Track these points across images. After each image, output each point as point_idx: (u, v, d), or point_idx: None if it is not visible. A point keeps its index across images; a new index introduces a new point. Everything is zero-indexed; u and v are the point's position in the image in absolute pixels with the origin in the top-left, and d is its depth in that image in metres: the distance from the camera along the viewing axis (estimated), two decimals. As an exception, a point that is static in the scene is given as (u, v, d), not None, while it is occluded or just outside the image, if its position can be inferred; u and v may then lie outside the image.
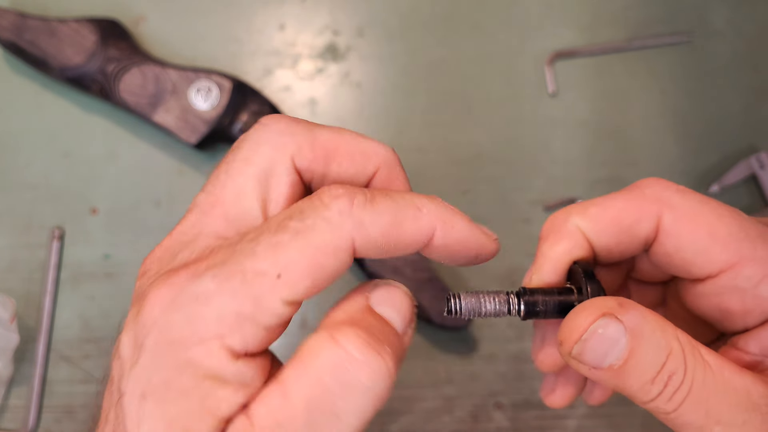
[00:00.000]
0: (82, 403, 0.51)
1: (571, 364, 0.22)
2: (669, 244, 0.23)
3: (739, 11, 0.59)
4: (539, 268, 0.24)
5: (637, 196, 0.23)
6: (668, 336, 0.21)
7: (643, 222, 0.23)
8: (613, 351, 0.20)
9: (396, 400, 0.51)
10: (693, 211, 0.23)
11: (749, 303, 0.22)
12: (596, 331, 0.21)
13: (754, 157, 0.55)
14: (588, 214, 0.23)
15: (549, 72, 0.57)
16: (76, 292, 0.52)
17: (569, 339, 0.21)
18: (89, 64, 0.52)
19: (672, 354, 0.20)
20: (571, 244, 0.24)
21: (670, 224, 0.23)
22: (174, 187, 0.55)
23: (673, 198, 0.23)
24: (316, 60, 0.58)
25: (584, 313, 0.21)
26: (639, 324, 0.20)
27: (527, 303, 0.23)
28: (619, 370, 0.20)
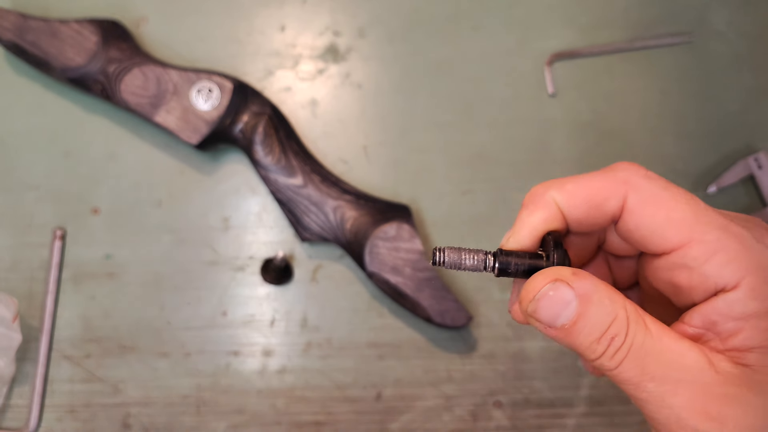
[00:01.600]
0: (83, 402, 0.51)
1: (530, 321, 0.25)
2: (631, 221, 0.26)
3: (739, 12, 0.59)
4: (516, 233, 0.27)
5: (609, 177, 0.26)
6: (615, 304, 0.24)
7: (611, 200, 0.26)
8: (565, 312, 0.24)
9: (396, 398, 0.51)
10: (655, 195, 0.25)
11: (695, 280, 0.24)
12: (547, 292, 0.24)
13: (752, 158, 0.55)
14: (564, 189, 0.27)
15: (549, 73, 0.57)
16: (78, 292, 0.53)
17: (525, 298, 0.25)
18: (91, 64, 0.53)
19: (616, 319, 0.23)
20: (546, 213, 0.27)
21: (634, 204, 0.26)
22: (175, 187, 0.55)
23: (640, 182, 0.26)
24: (316, 61, 0.58)
25: (540, 277, 0.25)
26: (589, 291, 0.24)
27: (501, 263, 0.27)
28: (569, 329, 0.24)
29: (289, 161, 0.52)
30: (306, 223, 0.51)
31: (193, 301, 0.53)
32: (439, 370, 0.51)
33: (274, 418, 0.51)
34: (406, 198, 0.55)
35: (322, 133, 0.56)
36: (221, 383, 0.51)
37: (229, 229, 0.54)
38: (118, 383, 0.51)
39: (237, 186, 0.55)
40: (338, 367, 0.52)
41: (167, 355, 0.52)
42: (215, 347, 0.52)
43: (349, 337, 0.52)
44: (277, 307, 0.53)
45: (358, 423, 0.51)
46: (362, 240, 0.50)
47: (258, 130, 0.52)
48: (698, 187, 0.55)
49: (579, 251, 0.30)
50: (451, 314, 0.49)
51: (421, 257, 0.49)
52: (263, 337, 0.52)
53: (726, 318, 0.24)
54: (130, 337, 0.52)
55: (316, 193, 0.51)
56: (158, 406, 0.51)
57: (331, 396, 0.51)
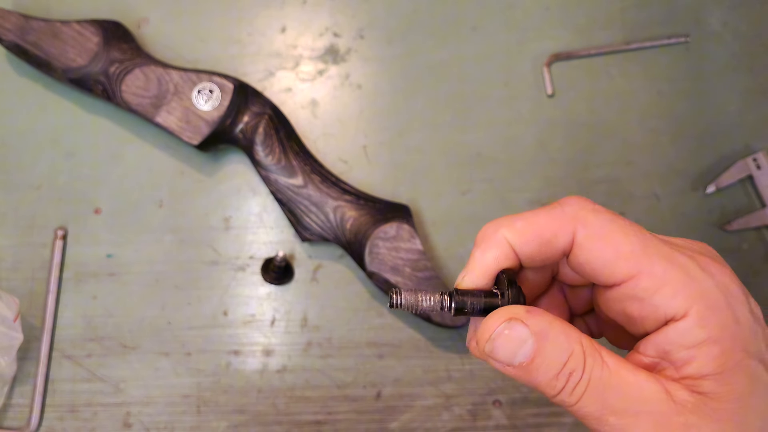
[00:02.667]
0: (84, 401, 0.51)
1: (488, 361, 0.25)
2: (581, 255, 0.26)
3: (735, 13, 0.59)
4: (470, 272, 0.28)
5: (557, 214, 0.27)
6: (571, 339, 0.24)
7: (560, 236, 0.26)
8: (522, 350, 0.24)
9: (395, 398, 0.51)
10: (602, 229, 0.26)
11: (645, 310, 0.25)
12: (503, 332, 0.25)
13: (750, 158, 0.55)
14: (514, 227, 0.27)
15: (547, 73, 0.58)
16: (79, 292, 0.53)
17: (482, 338, 0.25)
18: (92, 65, 0.53)
19: (573, 354, 0.24)
20: (498, 252, 0.27)
21: (582, 239, 0.26)
22: (176, 187, 0.55)
23: (588, 216, 0.26)
24: (316, 62, 0.58)
25: (495, 317, 0.25)
26: (544, 328, 0.24)
27: (457, 302, 0.27)
28: (527, 367, 0.24)
29: (290, 161, 0.52)
30: (306, 223, 0.51)
31: (194, 301, 0.53)
32: (438, 369, 0.52)
33: (274, 417, 0.51)
34: (405, 198, 0.55)
35: (322, 134, 0.57)
36: (222, 383, 0.51)
37: (229, 229, 0.54)
38: (119, 383, 0.51)
39: (238, 186, 0.55)
40: (338, 366, 0.52)
41: (168, 354, 0.52)
42: (216, 347, 0.52)
43: (349, 336, 0.52)
44: (277, 307, 0.53)
45: (358, 422, 0.51)
46: (362, 240, 0.50)
47: (258, 131, 0.52)
48: (697, 187, 0.56)
49: (534, 284, 0.31)
50: (450, 314, 0.49)
51: (421, 257, 0.50)
52: (264, 336, 0.52)
53: (678, 347, 0.24)
54: (131, 337, 0.52)
55: (316, 194, 0.52)
56: (159, 406, 0.51)
57: (331, 395, 0.51)
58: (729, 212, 0.55)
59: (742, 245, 0.55)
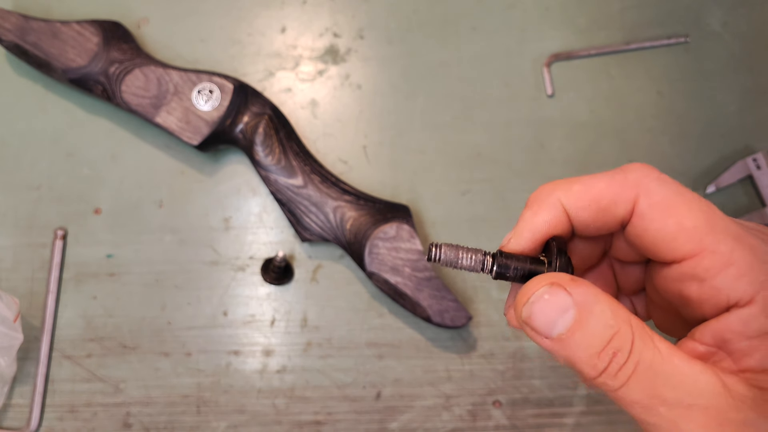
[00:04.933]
0: (84, 401, 0.51)
1: (525, 331, 0.23)
2: (640, 226, 0.24)
3: (734, 13, 0.59)
4: (518, 234, 0.26)
5: (619, 180, 0.25)
6: (618, 317, 0.22)
7: (620, 203, 0.24)
8: (561, 320, 0.22)
9: (396, 398, 0.51)
10: (667, 200, 0.24)
11: (705, 292, 0.23)
12: (542, 296, 0.23)
13: (750, 158, 0.55)
14: (572, 190, 0.25)
15: (547, 74, 0.58)
16: (79, 292, 0.53)
17: (520, 301, 0.23)
18: (92, 65, 0.53)
19: (619, 333, 0.22)
20: (551, 215, 0.25)
21: (644, 209, 0.24)
22: (176, 187, 0.55)
23: (651, 185, 0.24)
24: (316, 62, 0.58)
25: (536, 280, 0.23)
26: (588, 300, 0.22)
27: (500, 265, 0.25)
28: (566, 340, 0.22)
29: (290, 162, 0.52)
30: (306, 223, 0.51)
31: (194, 301, 0.53)
32: (438, 369, 0.52)
33: (274, 417, 0.51)
34: (405, 198, 0.55)
35: (322, 134, 0.57)
36: (222, 383, 0.51)
37: (229, 229, 0.54)
38: (119, 383, 0.51)
39: (237, 186, 0.55)
40: (338, 366, 0.52)
41: (168, 354, 0.52)
42: (216, 347, 0.52)
43: (348, 336, 0.52)
44: (277, 307, 0.53)
45: (358, 422, 0.51)
46: (362, 240, 0.50)
47: (258, 131, 0.52)
48: (697, 187, 0.56)
49: (584, 256, 0.28)
50: (450, 314, 0.49)
51: (421, 257, 0.50)
52: (263, 336, 0.52)
53: (740, 336, 0.22)
54: (131, 337, 0.52)
55: (316, 194, 0.52)
56: (159, 406, 0.51)
57: (330, 395, 0.51)
58: (729, 212, 0.55)
59: (742, 245, 0.55)
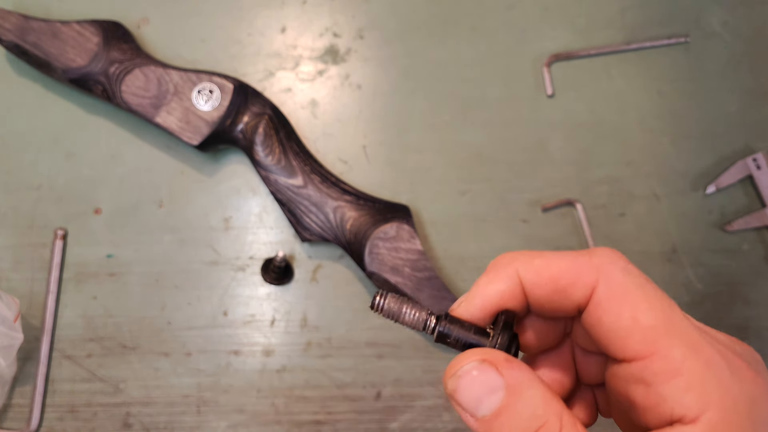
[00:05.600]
0: (84, 401, 0.51)
1: (452, 403, 0.22)
2: (595, 315, 0.23)
3: (734, 13, 0.59)
4: (469, 300, 0.25)
5: (581, 262, 0.23)
6: (549, 408, 0.21)
7: (578, 287, 0.23)
8: (488, 401, 0.21)
9: (396, 398, 0.51)
10: (626, 291, 0.22)
11: (651, 399, 0.21)
12: (471, 371, 0.21)
13: (750, 158, 0.55)
14: (531, 264, 0.24)
15: (547, 74, 0.58)
16: (79, 292, 0.53)
17: (448, 372, 0.22)
18: (92, 65, 0.53)
19: (546, 426, 0.20)
20: (505, 286, 0.24)
21: (601, 297, 0.23)
22: (176, 187, 0.55)
23: (614, 273, 0.23)
24: (316, 62, 0.58)
25: (468, 353, 0.22)
26: (520, 384, 0.21)
27: (442, 328, 0.24)
28: (489, 422, 0.21)
29: (290, 162, 0.52)
30: (306, 223, 0.51)
31: (194, 301, 0.53)
32: (438, 369, 0.52)
33: (274, 417, 0.51)
34: (405, 198, 0.55)
35: (322, 134, 0.57)
36: (222, 383, 0.51)
37: (229, 229, 0.54)
38: (119, 383, 0.51)
39: (237, 186, 0.55)
40: (338, 366, 0.52)
41: (168, 354, 0.52)
42: (216, 347, 0.52)
43: (348, 336, 0.52)
44: (277, 307, 0.53)
45: (358, 422, 0.51)
46: (362, 240, 0.50)
47: (258, 131, 0.52)
48: (697, 187, 0.56)
49: (541, 335, 0.27)
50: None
51: (421, 257, 0.50)
52: (263, 336, 0.52)
53: None
54: (131, 337, 0.52)
55: (316, 194, 0.52)
56: (159, 406, 0.51)
57: (330, 395, 0.51)
58: (729, 212, 0.55)
59: (742, 245, 0.55)
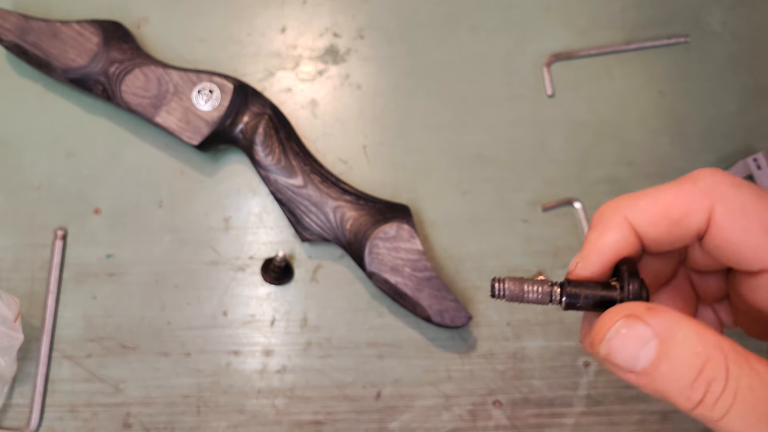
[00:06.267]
0: (84, 401, 0.51)
1: (606, 366, 0.22)
2: (720, 237, 0.23)
3: (735, 13, 0.59)
4: (585, 258, 0.24)
5: (689, 189, 0.23)
6: (707, 343, 0.20)
7: (694, 214, 0.23)
8: (644, 354, 0.21)
9: (395, 398, 0.51)
10: (746, 205, 0.22)
11: None
12: (619, 330, 0.21)
13: (750, 158, 0.55)
14: (638, 206, 0.24)
15: (547, 73, 0.58)
16: (79, 292, 0.53)
17: (596, 339, 0.22)
18: (92, 65, 0.53)
19: (710, 360, 0.20)
20: (618, 235, 0.24)
21: (722, 217, 0.22)
22: (176, 187, 0.55)
23: (727, 191, 0.23)
24: (316, 62, 0.58)
25: (609, 314, 0.22)
26: (669, 328, 0.21)
27: (569, 295, 0.24)
28: (651, 373, 0.21)
29: (290, 162, 0.52)
30: (306, 223, 0.51)
31: (194, 301, 0.53)
32: (438, 369, 0.52)
33: (274, 417, 0.51)
34: (405, 198, 0.55)
35: (322, 134, 0.57)
36: (222, 383, 0.51)
37: (229, 229, 0.54)
38: (119, 383, 0.51)
39: (237, 186, 0.55)
40: (338, 366, 0.52)
41: (168, 354, 0.52)
42: (216, 347, 0.52)
43: (348, 336, 0.52)
44: (277, 307, 0.53)
45: (358, 422, 0.51)
46: (362, 240, 0.50)
47: (258, 131, 0.52)
48: (696, 187, 0.56)
49: (657, 272, 0.27)
50: (450, 314, 0.49)
51: (421, 257, 0.50)
52: (263, 336, 0.52)
53: None
54: (131, 337, 0.52)
55: (316, 194, 0.52)
56: (159, 406, 0.51)
57: (330, 395, 0.51)
58: (729, 212, 0.55)
59: (742, 245, 0.55)
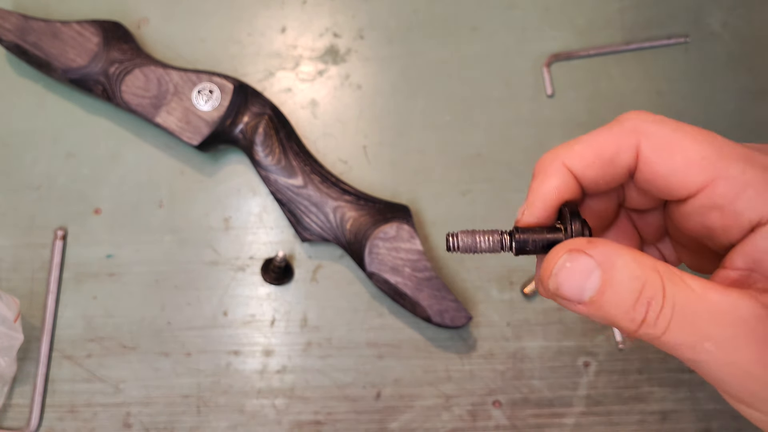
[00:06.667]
0: (84, 401, 0.51)
1: (556, 301, 0.24)
2: (648, 170, 0.24)
3: (734, 13, 0.60)
4: (530, 205, 0.26)
5: (616, 130, 0.25)
6: (644, 266, 0.22)
7: (623, 152, 0.25)
8: (589, 284, 0.22)
9: (395, 398, 0.51)
10: (668, 138, 0.24)
11: (728, 219, 0.23)
12: (564, 265, 0.23)
13: (749, 158, 0.55)
14: (573, 151, 0.26)
15: (547, 73, 0.58)
16: (79, 292, 0.53)
17: (544, 276, 0.23)
18: (92, 65, 0.53)
19: (648, 282, 0.22)
20: (558, 180, 0.26)
21: (648, 152, 0.24)
22: (176, 187, 0.55)
23: (650, 128, 0.24)
24: (316, 62, 0.58)
25: (554, 252, 0.23)
26: (609, 257, 0.22)
27: (518, 241, 0.26)
28: (598, 301, 0.22)
29: (290, 162, 0.52)
30: (306, 223, 0.51)
31: (194, 301, 0.53)
32: (438, 369, 0.52)
33: (274, 417, 0.51)
34: (405, 198, 0.55)
35: (322, 134, 0.57)
36: (222, 383, 0.51)
37: (229, 229, 0.54)
38: (119, 383, 0.51)
39: (237, 186, 0.55)
40: (338, 366, 0.52)
41: (168, 354, 0.52)
42: (216, 347, 0.52)
43: (348, 336, 0.52)
44: (277, 307, 0.53)
45: (358, 422, 0.51)
46: (362, 240, 0.50)
47: (258, 131, 0.52)
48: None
49: (599, 213, 0.28)
50: (450, 314, 0.49)
51: (421, 257, 0.50)
52: (263, 336, 0.52)
53: None
54: (131, 337, 0.52)
55: (316, 194, 0.52)
56: (159, 406, 0.51)
57: (330, 395, 0.51)
58: (728, 212, 0.55)
59: (741, 245, 0.55)
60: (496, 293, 0.53)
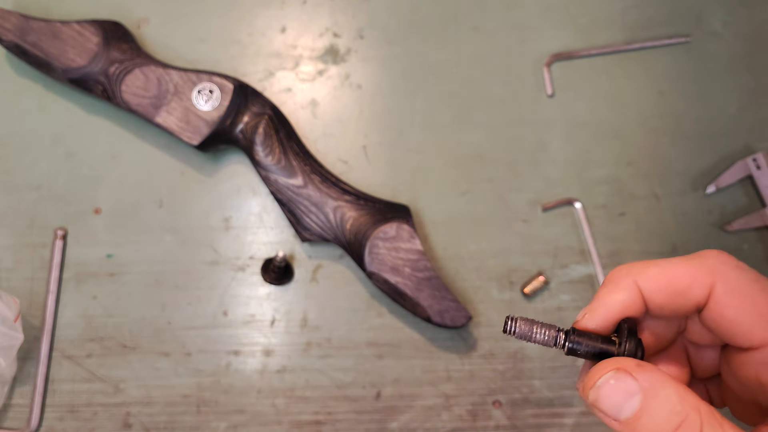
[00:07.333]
0: (84, 401, 0.51)
1: (593, 412, 0.24)
2: (716, 312, 0.25)
3: (735, 13, 0.59)
4: (593, 312, 0.27)
5: (695, 264, 0.26)
6: (686, 403, 0.22)
7: (695, 288, 0.25)
8: (628, 405, 0.23)
9: (395, 398, 0.51)
10: (744, 287, 0.25)
11: None
12: (609, 380, 0.23)
13: (750, 158, 0.55)
14: (647, 273, 0.26)
15: (547, 74, 0.58)
16: (79, 292, 0.53)
17: (587, 385, 0.24)
18: (92, 65, 0.53)
19: (687, 420, 0.22)
20: (625, 296, 0.26)
21: (721, 295, 0.25)
22: (176, 187, 0.55)
23: (729, 272, 0.25)
24: (316, 62, 0.58)
25: (602, 365, 0.24)
26: (654, 385, 0.23)
27: (572, 342, 0.27)
28: (632, 424, 0.23)
29: (290, 162, 0.52)
30: (306, 223, 0.51)
31: (194, 301, 0.53)
32: (438, 369, 0.52)
33: (274, 417, 0.51)
34: (405, 198, 0.55)
35: (322, 134, 0.57)
36: (222, 383, 0.51)
37: (229, 229, 0.54)
38: (119, 383, 0.51)
39: (238, 186, 0.55)
40: (338, 366, 0.52)
41: (168, 354, 0.52)
42: (216, 347, 0.52)
43: (348, 336, 0.52)
44: (277, 307, 0.53)
45: (358, 422, 0.51)
46: (362, 240, 0.50)
47: (258, 131, 0.52)
48: (697, 187, 0.56)
49: (657, 335, 0.29)
50: (450, 314, 0.49)
51: (421, 257, 0.50)
52: (263, 336, 0.52)
53: None
54: (131, 337, 0.52)
55: (316, 194, 0.52)
56: (159, 406, 0.51)
57: (330, 395, 0.51)
58: (729, 212, 0.55)
59: (742, 246, 0.55)
60: (496, 293, 0.53)
